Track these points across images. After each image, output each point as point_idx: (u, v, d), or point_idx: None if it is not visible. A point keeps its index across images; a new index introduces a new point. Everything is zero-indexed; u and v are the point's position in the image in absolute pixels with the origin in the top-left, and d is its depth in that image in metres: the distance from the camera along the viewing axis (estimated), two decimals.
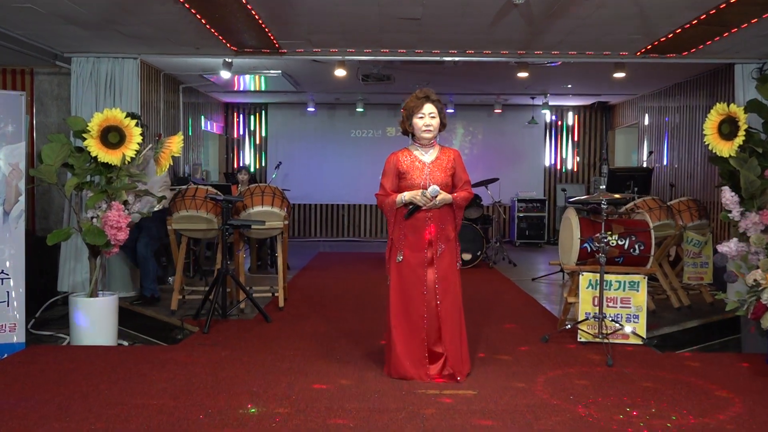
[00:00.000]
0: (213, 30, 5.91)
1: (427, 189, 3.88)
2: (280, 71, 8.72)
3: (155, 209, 5.80)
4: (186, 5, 5.17)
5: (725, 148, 4.82)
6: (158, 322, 5.73)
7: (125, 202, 4.96)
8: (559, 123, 12.95)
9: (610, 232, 4.89)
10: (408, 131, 4.05)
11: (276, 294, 6.37)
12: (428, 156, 4.01)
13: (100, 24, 5.66)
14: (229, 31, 5.99)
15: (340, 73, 7.45)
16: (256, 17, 5.55)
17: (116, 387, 3.78)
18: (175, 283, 5.93)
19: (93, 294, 4.95)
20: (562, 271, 7.51)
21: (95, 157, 4.76)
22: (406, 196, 3.92)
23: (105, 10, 5.28)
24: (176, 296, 5.87)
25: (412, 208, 3.92)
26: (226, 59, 7.15)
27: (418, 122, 3.97)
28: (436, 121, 3.96)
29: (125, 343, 5.38)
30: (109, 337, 4.92)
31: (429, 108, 3.95)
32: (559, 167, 13.00)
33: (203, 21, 5.61)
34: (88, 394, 3.65)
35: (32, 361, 4.33)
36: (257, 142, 12.94)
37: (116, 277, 6.53)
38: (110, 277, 6.45)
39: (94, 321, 4.86)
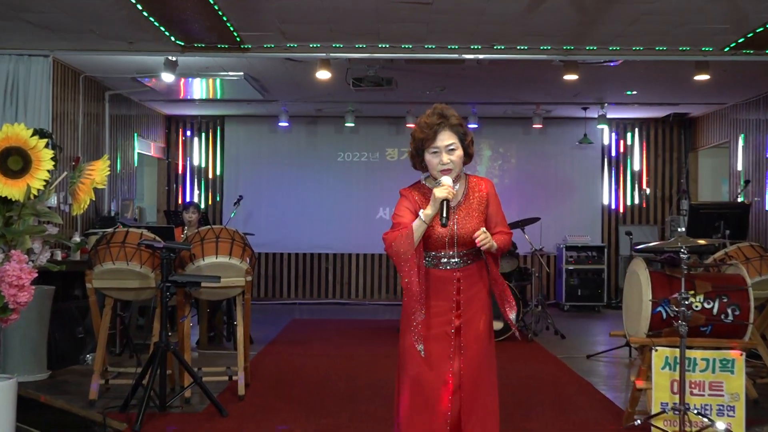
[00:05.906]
0: (152, 18, 6.00)
1: (452, 236, 3.80)
2: (242, 73, 8.82)
3: None
4: None
5: None
6: (71, 416, 5.66)
7: (29, 251, 4.96)
8: (621, 142, 13.05)
9: (692, 292, 4.89)
10: (419, 168, 3.98)
11: (235, 378, 6.34)
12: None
13: (0, 10, 5.75)
14: (173, 21, 6.09)
15: (323, 75, 7.53)
16: (211, 1, 5.64)
17: None
18: (96, 362, 5.89)
19: None
20: (628, 345, 7.48)
21: None
22: (427, 211, 3.78)
23: None
24: (97, 379, 5.83)
25: (446, 213, 3.72)
26: (170, 57, 7.24)
27: (432, 160, 3.82)
28: (456, 155, 3.82)
29: None
30: None
31: (446, 139, 3.79)
32: (621, 203, 13.07)
33: (139, 6, 5.71)
34: None
35: None
36: (210, 169, 13.02)
37: (16, 354, 6.49)
38: (6, 354, 6.42)
39: None
